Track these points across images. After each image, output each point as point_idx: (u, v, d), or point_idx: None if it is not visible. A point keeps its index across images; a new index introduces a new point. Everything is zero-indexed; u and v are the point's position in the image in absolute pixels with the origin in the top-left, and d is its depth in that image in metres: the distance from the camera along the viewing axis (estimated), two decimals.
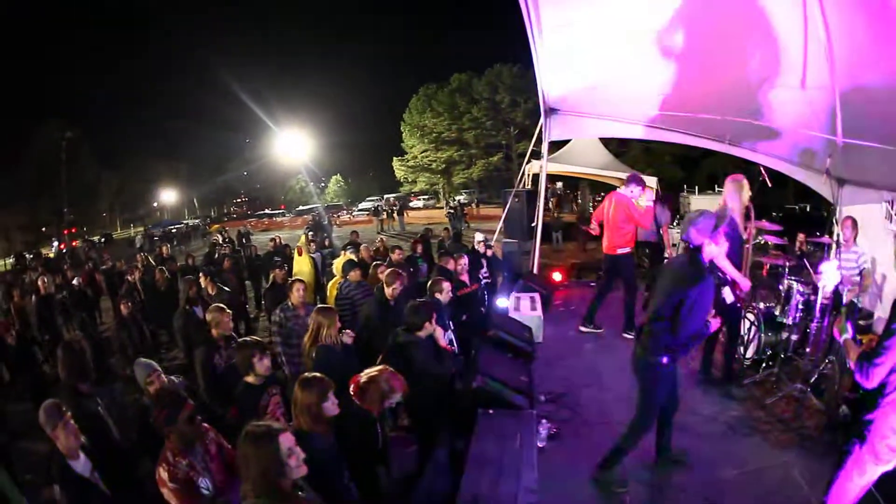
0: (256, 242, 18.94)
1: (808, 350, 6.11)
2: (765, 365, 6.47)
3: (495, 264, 10.50)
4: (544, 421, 5.42)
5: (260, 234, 34.26)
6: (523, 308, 8.44)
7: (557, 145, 19.92)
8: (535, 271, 11.08)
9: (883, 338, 3.14)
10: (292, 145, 54.86)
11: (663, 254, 11.19)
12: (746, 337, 6.83)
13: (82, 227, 62.15)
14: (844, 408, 4.93)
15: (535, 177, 14.65)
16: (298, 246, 11.85)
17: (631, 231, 7.93)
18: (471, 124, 53.49)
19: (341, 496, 3.38)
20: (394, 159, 60.36)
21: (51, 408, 3.69)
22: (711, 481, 4.59)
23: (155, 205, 76.81)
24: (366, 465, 3.84)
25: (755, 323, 6.68)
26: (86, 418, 4.02)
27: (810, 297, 6.09)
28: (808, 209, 17.83)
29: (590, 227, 8.73)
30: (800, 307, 6.26)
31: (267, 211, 66.17)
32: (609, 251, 8.07)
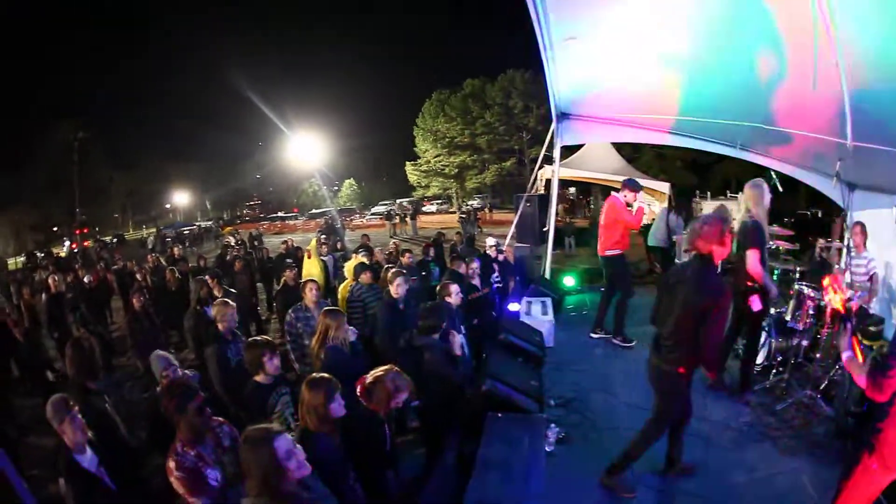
0: (269, 245, 19.02)
1: (818, 356, 6.09)
2: (775, 371, 6.44)
3: (507, 269, 10.52)
4: (553, 425, 5.44)
5: (273, 237, 34.42)
6: (534, 312, 8.45)
7: (570, 150, 19.95)
8: (547, 276, 11.07)
9: (894, 346, 3.12)
10: (305, 149, 54.87)
11: (674, 260, 11.19)
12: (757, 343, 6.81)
13: (94, 228, 62.55)
14: (851, 420, 4.90)
15: (548, 182, 14.66)
16: (308, 249, 11.87)
17: (619, 234, 7.93)
18: (483, 129, 53.45)
19: (346, 497, 3.39)
20: (407, 164, 60.43)
21: (58, 402, 3.74)
22: (720, 487, 4.57)
23: (167, 206, 77.15)
24: (373, 466, 3.86)
25: (766, 328, 6.65)
26: (93, 415, 4.05)
27: (821, 303, 6.07)
28: (819, 214, 17.68)
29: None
30: (810, 312, 6.24)
31: (280, 214, 66.46)
32: (600, 253, 8.19)
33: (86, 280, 12.72)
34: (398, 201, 55.62)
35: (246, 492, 2.83)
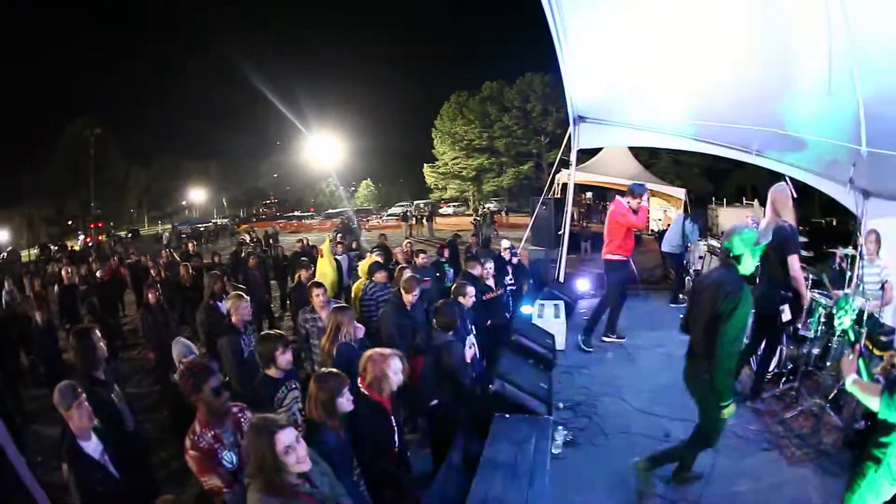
0: (284, 244, 19.10)
1: (829, 364, 6.05)
2: (785, 379, 6.42)
3: (521, 271, 10.54)
4: (560, 428, 5.45)
5: (289, 236, 34.56)
6: (547, 315, 8.47)
7: (587, 155, 19.97)
8: (562, 279, 11.07)
9: None
10: (323, 149, 55.15)
11: (686, 267, 11.18)
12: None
13: (109, 222, 63.15)
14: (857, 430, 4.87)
15: (565, 186, 14.65)
16: (320, 248, 11.90)
17: (621, 238, 7.94)
18: (502, 132, 53.50)
19: (349, 493, 3.42)
20: (424, 166, 60.59)
21: (65, 388, 3.80)
22: (726, 495, 4.56)
23: (184, 203, 77.61)
24: (381, 459, 3.92)
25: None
26: (96, 404, 4.08)
27: (833, 311, 6.03)
28: (834, 223, 17.59)
29: None
30: (822, 320, 6.20)
31: (296, 213, 66.60)
32: (602, 256, 8.26)
33: (98, 274, 12.85)
34: (415, 203, 55.70)
35: (246, 474, 2.87)
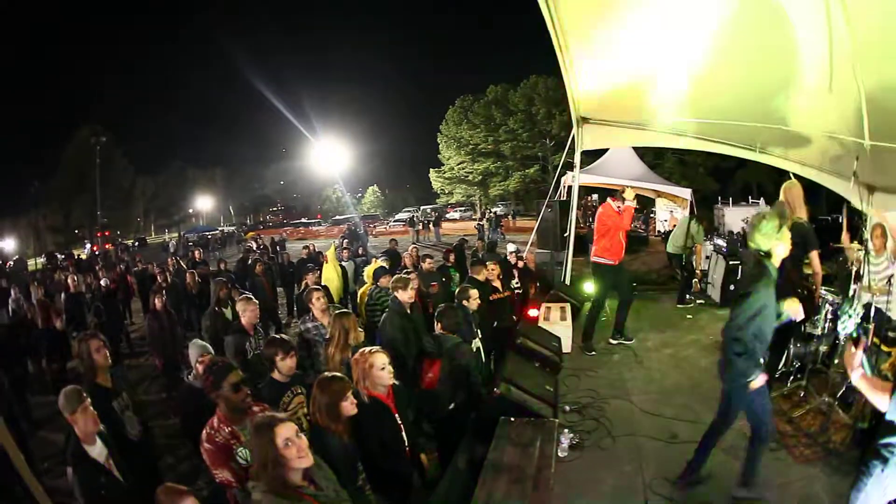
0: (291, 251, 19.15)
1: (836, 362, 6.00)
2: (793, 377, 6.36)
3: (527, 275, 10.53)
4: (566, 431, 5.43)
5: (295, 243, 34.60)
6: (553, 318, 8.45)
7: (593, 157, 19.94)
8: (568, 282, 11.05)
9: None
10: (329, 155, 55.30)
11: (692, 267, 11.14)
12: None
13: (116, 231, 63.66)
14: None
15: (571, 188, 14.64)
16: (325, 255, 11.94)
17: (609, 241, 8.01)
18: (507, 136, 53.38)
19: (353, 498, 3.43)
20: (430, 171, 60.55)
21: (71, 392, 3.82)
22: (730, 496, 4.51)
23: (190, 211, 77.98)
24: (386, 456, 3.94)
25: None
26: (104, 416, 4.10)
27: (840, 307, 5.98)
28: (840, 219, 17.51)
29: None
30: (829, 318, 6.16)
31: (303, 220, 66.87)
32: (591, 258, 8.40)
33: (102, 283, 12.94)
34: (422, 208, 55.72)
35: (252, 475, 2.88)
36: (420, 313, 6.75)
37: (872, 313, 5.63)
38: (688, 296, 11.03)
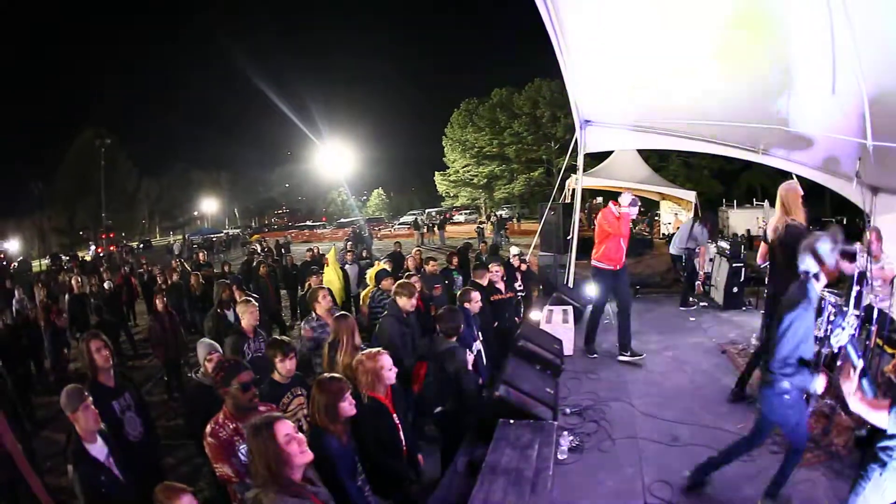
0: (295, 253, 19.19)
1: (839, 364, 5.96)
2: None
3: (530, 278, 10.52)
4: (566, 433, 5.41)
5: (300, 245, 34.69)
6: (555, 321, 8.44)
7: (597, 160, 19.90)
8: (571, 285, 11.02)
9: None
10: (334, 158, 55.45)
11: (696, 269, 11.11)
12: None
13: (121, 233, 64.00)
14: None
15: (575, 191, 14.63)
16: (326, 258, 11.98)
17: (607, 246, 7.82)
18: (512, 139, 53.40)
19: (353, 498, 3.44)
20: (436, 174, 60.61)
21: (72, 391, 3.88)
22: (734, 498, 4.50)
23: (195, 213, 78.19)
24: (385, 455, 3.99)
25: None
26: (103, 416, 4.14)
27: (843, 309, 5.94)
28: (844, 221, 17.47)
29: None
30: (831, 319, 6.12)
31: (308, 223, 67.00)
32: (592, 263, 8.12)
33: (106, 285, 13.01)
34: (427, 211, 55.77)
35: (252, 482, 2.89)
36: (420, 317, 6.76)
37: (875, 315, 5.58)
38: (691, 298, 11.00)
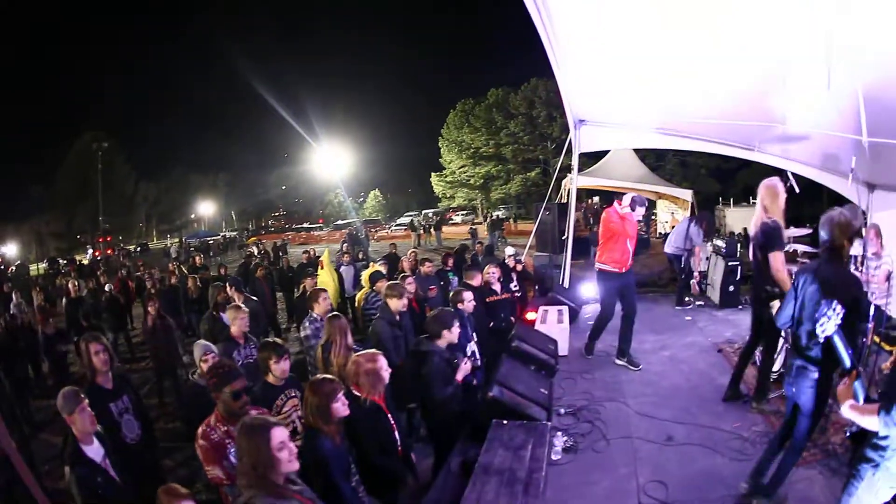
0: (292, 256, 19.20)
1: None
2: None
3: (525, 278, 10.50)
4: (559, 433, 5.38)
5: (297, 248, 34.66)
6: (550, 321, 8.40)
7: (593, 159, 19.92)
8: (566, 285, 10.99)
9: None
10: (331, 160, 55.39)
11: (692, 270, 11.07)
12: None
13: (118, 237, 64.07)
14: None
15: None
16: (321, 260, 11.97)
17: (611, 247, 7.55)
18: (508, 139, 53.39)
19: (347, 498, 3.45)
20: (432, 175, 60.60)
21: (69, 393, 3.91)
22: (730, 497, 4.46)
23: (192, 216, 78.22)
24: (380, 454, 4.01)
25: (783, 335, 6.52)
26: (100, 418, 4.19)
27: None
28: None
29: None
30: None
31: (305, 224, 67.03)
32: (596, 265, 7.85)
33: (106, 288, 13.02)
34: (424, 212, 55.76)
35: (238, 485, 2.89)
36: (416, 318, 6.74)
37: (872, 312, 5.56)
38: (686, 297, 10.97)
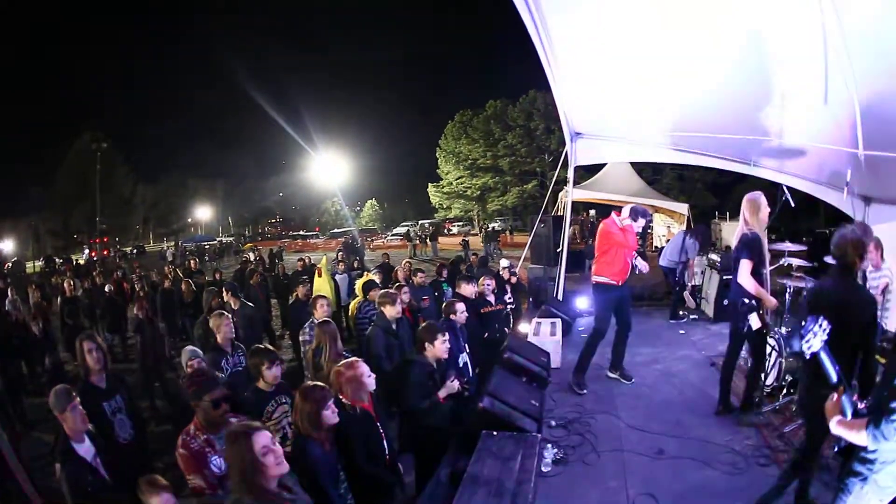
0: (288, 263, 19.20)
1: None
2: (784, 392, 6.29)
3: (520, 290, 10.48)
4: (549, 446, 5.34)
5: (293, 255, 34.65)
6: (543, 333, 8.40)
7: (590, 172, 19.94)
8: (560, 297, 10.97)
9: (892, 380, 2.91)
10: (328, 168, 55.54)
11: (684, 282, 11.06)
12: (767, 363, 6.64)
13: (115, 238, 64.21)
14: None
15: (572, 203, 14.62)
16: (318, 267, 12.02)
17: (610, 259, 7.26)
18: (506, 151, 53.41)
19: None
20: (429, 185, 60.61)
21: (61, 391, 3.97)
22: None
23: (189, 220, 78.23)
24: (373, 463, 4.01)
25: (776, 348, 6.51)
26: (93, 416, 4.24)
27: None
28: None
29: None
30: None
31: (301, 232, 67.10)
32: (592, 278, 7.61)
33: (106, 288, 13.05)
34: (420, 222, 55.78)
35: (230, 491, 2.91)
36: (408, 328, 6.73)
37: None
38: (681, 311, 10.96)
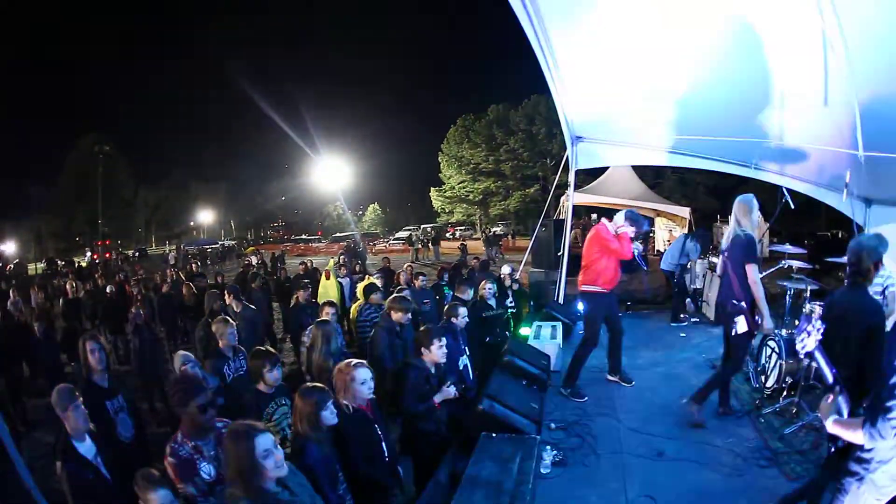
0: (290, 267, 19.21)
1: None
2: (785, 394, 6.28)
3: (521, 295, 10.48)
4: (549, 447, 5.33)
5: (295, 259, 34.65)
6: (543, 336, 8.40)
7: (592, 177, 19.95)
8: (561, 301, 10.97)
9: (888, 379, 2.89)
10: (331, 172, 55.47)
11: (685, 284, 11.04)
12: (768, 365, 6.65)
13: (117, 241, 64.44)
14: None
15: (574, 207, 14.59)
16: (326, 270, 12.03)
17: (602, 267, 6.95)
18: (508, 155, 53.50)
19: None
20: (431, 190, 60.69)
21: (64, 390, 4.00)
22: None
23: (192, 224, 78.24)
24: (371, 466, 4.00)
25: (776, 350, 6.49)
26: (96, 414, 4.28)
27: (810, 313, 5.87)
28: (840, 235, 17.52)
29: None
30: (822, 333, 6.02)
31: (303, 236, 67.15)
32: (579, 286, 7.27)
33: (108, 290, 13.10)
34: (422, 227, 55.81)
35: (227, 483, 2.91)
36: (412, 330, 6.74)
37: None
38: (682, 315, 10.93)
